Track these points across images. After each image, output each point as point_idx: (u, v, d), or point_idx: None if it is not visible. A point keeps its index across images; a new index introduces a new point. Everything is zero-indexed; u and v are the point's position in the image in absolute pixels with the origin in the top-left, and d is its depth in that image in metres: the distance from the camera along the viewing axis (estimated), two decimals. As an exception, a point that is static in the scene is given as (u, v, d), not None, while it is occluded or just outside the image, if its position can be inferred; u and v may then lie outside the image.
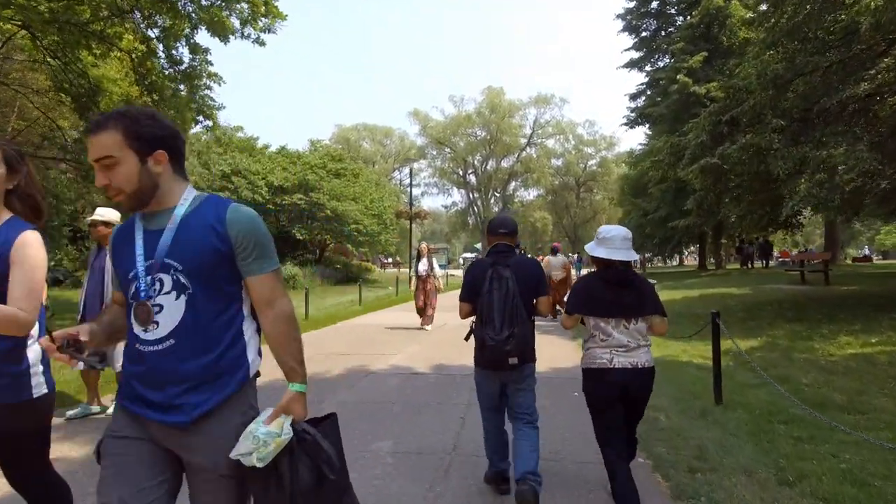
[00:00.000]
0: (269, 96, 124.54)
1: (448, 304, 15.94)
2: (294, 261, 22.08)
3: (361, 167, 25.88)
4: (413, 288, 10.58)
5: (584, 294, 2.80)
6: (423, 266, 10.20)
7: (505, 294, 2.79)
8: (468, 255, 67.99)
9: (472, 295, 2.95)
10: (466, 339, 3.09)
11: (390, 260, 57.59)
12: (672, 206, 22.90)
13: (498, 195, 66.31)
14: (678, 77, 21.05)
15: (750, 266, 28.10)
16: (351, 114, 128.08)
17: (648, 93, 24.99)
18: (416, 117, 63.22)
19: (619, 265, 2.73)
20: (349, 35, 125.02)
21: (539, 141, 64.33)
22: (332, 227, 21.69)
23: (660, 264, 51.87)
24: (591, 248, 2.84)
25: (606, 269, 2.75)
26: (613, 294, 2.71)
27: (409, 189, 28.94)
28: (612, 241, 2.75)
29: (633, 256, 2.79)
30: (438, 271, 10.56)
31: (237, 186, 19.91)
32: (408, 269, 22.31)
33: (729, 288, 16.42)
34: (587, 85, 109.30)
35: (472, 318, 3.00)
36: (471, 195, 65.17)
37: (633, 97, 25.61)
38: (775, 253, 40.51)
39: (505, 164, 64.34)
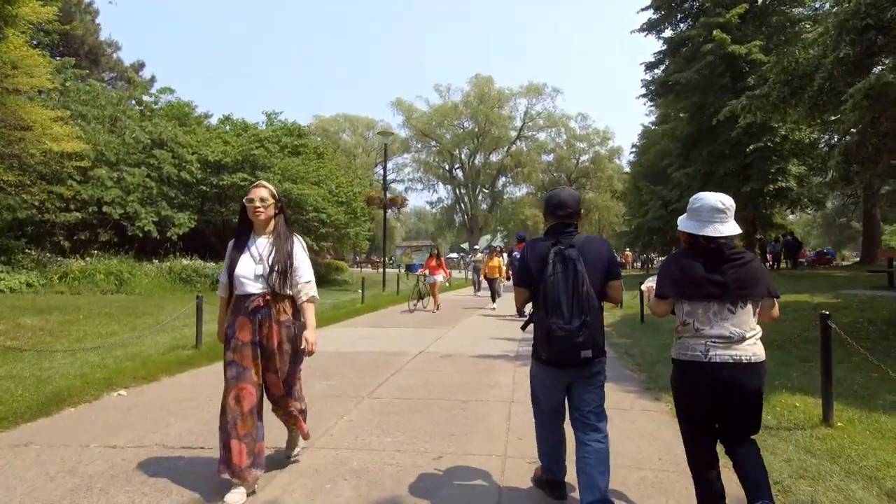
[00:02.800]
0: (244, 85, 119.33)
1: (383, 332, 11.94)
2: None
3: (327, 146, 21.57)
4: (223, 321, 3.10)
5: (677, 272, 2.33)
6: (249, 270, 2.90)
7: (574, 278, 2.33)
8: (453, 255, 64.34)
9: (531, 279, 2.48)
10: (524, 328, 2.68)
11: (374, 258, 53.52)
12: (699, 192, 18.99)
13: (486, 191, 63.04)
14: (714, 34, 17.18)
15: (776, 266, 24.38)
16: (330, 105, 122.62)
17: (667, 62, 21.10)
18: (400, 107, 59.40)
19: (705, 239, 2.27)
20: (331, 22, 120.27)
21: (530, 134, 61.13)
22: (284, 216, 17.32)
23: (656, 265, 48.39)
24: (680, 221, 2.43)
25: (697, 244, 2.30)
26: (712, 272, 2.25)
27: (387, 175, 24.82)
28: (699, 211, 2.32)
29: (729, 231, 2.28)
30: (307, 286, 2.97)
31: (159, 161, 15.48)
32: (383, 268, 18.10)
33: (796, 294, 12.51)
34: (581, 78, 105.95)
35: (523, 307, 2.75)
36: (457, 191, 61.70)
37: (650, 66, 21.71)
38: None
39: (494, 158, 60.98)
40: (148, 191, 15.36)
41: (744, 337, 2.23)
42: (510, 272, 13.50)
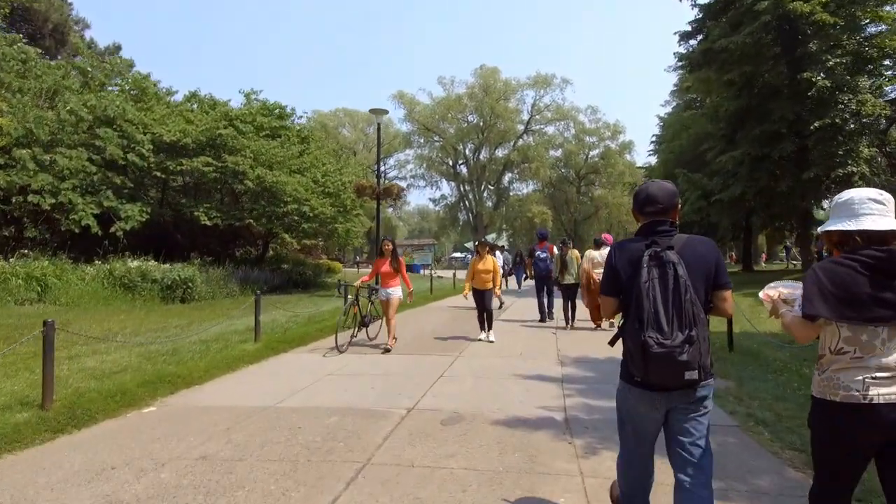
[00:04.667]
0: (238, 79, 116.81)
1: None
2: (203, 256, 14.98)
3: (312, 129, 18.77)
4: None
5: (829, 285, 1.76)
6: None
7: (674, 285, 1.94)
8: (457, 254, 61.70)
9: (620, 287, 2.13)
10: (612, 343, 2.24)
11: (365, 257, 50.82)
12: (749, 180, 16.08)
13: (492, 188, 60.67)
14: (772, -12, 14.32)
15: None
16: (330, 100, 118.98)
17: (705, 31, 18.20)
18: (401, 100, 56.95)
19: (863, 239, 1.75)
20: (330, 15, 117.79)
21: (537, 127, 58.74)
22: (258, 208, 14.60)
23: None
24: (822, 228, 1.91)
25: (854, 250, 1.75)
26: (880, 288, 1.70)
27: (388, 171, 21.88)
28: (850, 204, 1.81)
29: (891, 225, 1.75)
30: None
31: (104, 142, 12.75)
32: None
33: None
34: (589, 71, 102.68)
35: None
36: (462, 188, 59.35)
37: (686, 36, 18.84)
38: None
39: (499, 153, 58.56)
40: (89, 177, 12.64)
41: None
42: (533, 273, 10.51)
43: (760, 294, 2.09)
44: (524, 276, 17.69)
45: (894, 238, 1.75)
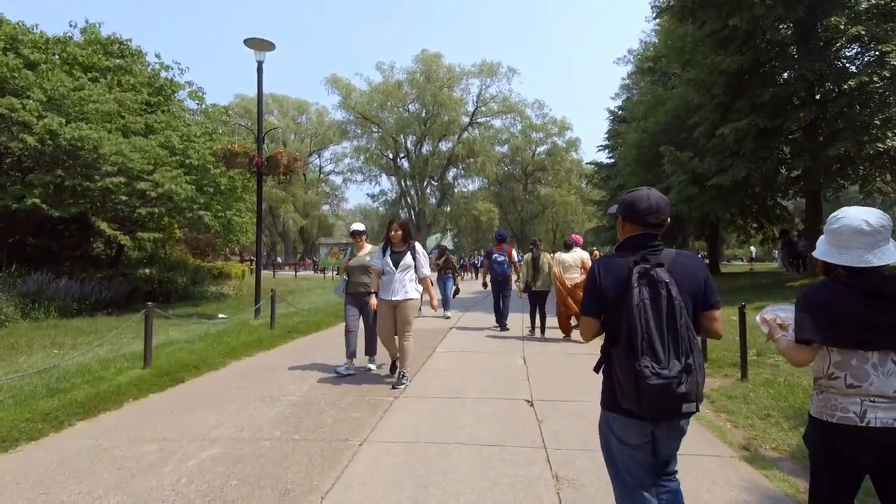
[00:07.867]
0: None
1: None
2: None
3: (181, 83, 13.49)
4: None
5: (819, 310, 1.73)
6: None
7: (668, 307, 1.74)
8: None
9: (604, 307, 1.92)
10: (597, 369, 2.02)
11: (314, 258, 45.10)
12: (755, 159, 12.48)
13: (436, 184, 56.51)
14: None
15: (802, 268, 18.45)
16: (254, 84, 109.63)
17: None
18: (336, 85, 51.75)
19: (847, 270, 1.72)
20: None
21: (483, 120, 55.19)
22: (53, 181, 9.36)
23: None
24: (819, 243, 1.82)
25: (850, 275, 1.72)
26: (869, 312, 1.66)
27: (321, 156, 16.31)
28: (838, 234, 1.74)
29: (881, 259, 1.68)
30: None
31: None
32: (257, 276, 10.52)
33: None
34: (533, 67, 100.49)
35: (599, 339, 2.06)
36: (403, 183, 54.78)
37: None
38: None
39: (443, 146, 54.43)
40: None
41: None
42: (486, 279, 9.56)
43: (757, 317, 2.03)
44: (454, 287, 11.04)
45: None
